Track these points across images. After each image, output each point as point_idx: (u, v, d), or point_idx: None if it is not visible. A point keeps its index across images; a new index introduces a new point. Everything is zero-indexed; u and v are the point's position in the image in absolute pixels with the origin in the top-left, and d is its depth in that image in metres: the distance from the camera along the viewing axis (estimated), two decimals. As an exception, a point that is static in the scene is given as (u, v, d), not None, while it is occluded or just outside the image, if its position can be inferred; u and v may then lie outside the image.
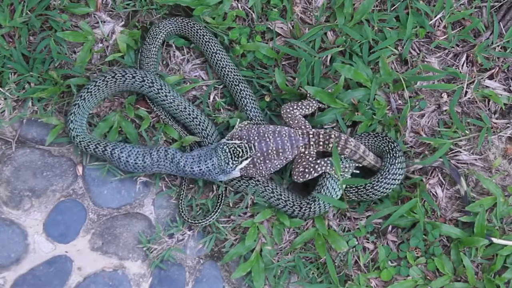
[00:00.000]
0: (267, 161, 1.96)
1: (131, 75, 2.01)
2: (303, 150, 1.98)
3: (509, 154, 2.06)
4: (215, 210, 2.03)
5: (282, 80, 2.06)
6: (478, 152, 2.06)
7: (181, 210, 2.04)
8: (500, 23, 2.10)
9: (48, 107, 2.10)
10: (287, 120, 2.00)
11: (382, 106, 2.02)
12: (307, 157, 1.97)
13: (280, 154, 1.96)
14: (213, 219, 2.03)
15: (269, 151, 1.96)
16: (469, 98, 2.08)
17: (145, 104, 2.12)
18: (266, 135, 1.96)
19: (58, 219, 2.07)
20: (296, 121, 2.00)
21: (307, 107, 2.02)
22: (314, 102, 2.03)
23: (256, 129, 1.97)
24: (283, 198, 2.00)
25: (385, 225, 2.01)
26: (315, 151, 1.98)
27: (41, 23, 2.10)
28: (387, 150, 1.98)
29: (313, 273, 2.03)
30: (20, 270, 2.02)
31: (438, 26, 2.11)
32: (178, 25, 2.10)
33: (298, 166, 1.97)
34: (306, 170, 1.97)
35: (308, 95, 2.04)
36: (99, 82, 2.02)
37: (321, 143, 1.97)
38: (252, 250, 2.02)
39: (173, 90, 2.05)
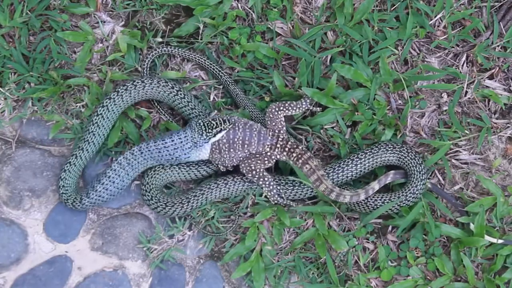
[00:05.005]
0: (231, 150, 1.96)
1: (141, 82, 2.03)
2: (267, 149, 1.97)
3: (509, 154, 2.07)
4: (236, 217, 2.03)
5: (280, 82, 2.06)
6: (478, 152, 2.06)
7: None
8: (500, 23, 2.09)
9: (48, 107, 2.10)
10: (267, 118, 1.99)
11: (382, 106, 2.02)
12: (265, 160, 1.97)
13: (246, 146, 1.96)
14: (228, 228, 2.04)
15: (235, 139, 1.95)
16: (469, 98, 2.08)
17: (146, 104, 2.13)
18: (237, 124, 1.96)
19: (58, 219, 2.07)
20: (274, 123, 1.98)
21: (295, 108, 2.01)
22: (304, 102, 2.02)
23: (228, 116, 1.98)
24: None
25: (385, 225, 2.01)
26: (278, 156, 1.97)
27: (41, 23, 2.10)
28: (409, 161, 1.99)
29: (313, 273, 2.03)
30: (20, 270, 2.02)
31: (438, 26, 2.11)
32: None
33: (252, 161, 1.97)
34: (254, 172, 1.97)
35: (304, 96, 2.03)
36: (130, 85, 2.02)
37: (286, 149, 1.96)
38: (252, 250, 2.02)
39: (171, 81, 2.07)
